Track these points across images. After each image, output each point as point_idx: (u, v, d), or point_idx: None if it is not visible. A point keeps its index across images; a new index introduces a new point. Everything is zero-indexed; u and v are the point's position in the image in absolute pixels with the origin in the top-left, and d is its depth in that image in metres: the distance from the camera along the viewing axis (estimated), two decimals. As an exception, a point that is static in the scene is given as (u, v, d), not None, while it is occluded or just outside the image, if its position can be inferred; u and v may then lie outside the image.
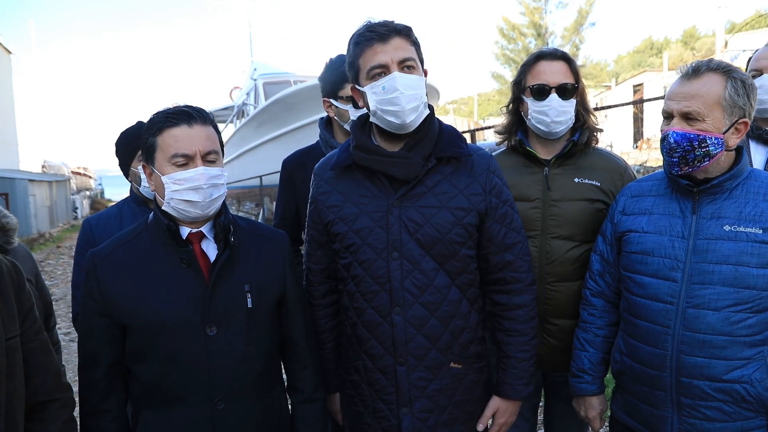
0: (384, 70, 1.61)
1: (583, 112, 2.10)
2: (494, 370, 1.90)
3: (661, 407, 1.70)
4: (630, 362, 1.77)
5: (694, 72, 1.61)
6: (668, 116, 1.66)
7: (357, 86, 1.70)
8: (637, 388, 1.76)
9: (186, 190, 1.52)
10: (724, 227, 1.61)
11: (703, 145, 1.58)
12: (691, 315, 1.62)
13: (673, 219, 1.70)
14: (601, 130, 2.15)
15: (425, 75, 1.70)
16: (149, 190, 2.25)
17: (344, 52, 2.35)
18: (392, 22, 1.65)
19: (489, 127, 10.07)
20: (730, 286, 1.58)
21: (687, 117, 1.60)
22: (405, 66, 1.62)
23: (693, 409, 1.64)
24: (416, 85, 1.63)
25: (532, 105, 2.05)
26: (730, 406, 1.60)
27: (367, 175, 1.73)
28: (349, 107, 2.31)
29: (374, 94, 1.63)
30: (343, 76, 2.30)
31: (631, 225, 1.79)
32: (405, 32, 1.64)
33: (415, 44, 1.67)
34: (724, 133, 1.59)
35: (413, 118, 1.64)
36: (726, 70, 1.60)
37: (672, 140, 1.61)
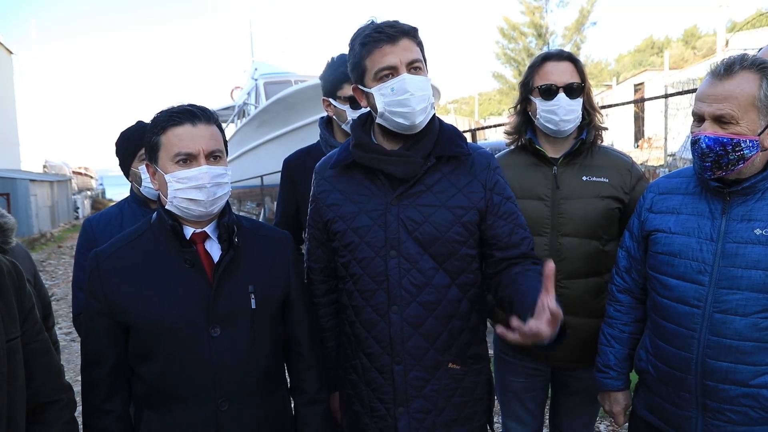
0: (393, 71, 1.61)
1: (589, 110, 2.13)
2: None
3: (686, 408, 1.67)
4: (655, 362, 1.75)
5: (727, 71, 1.52)
6: (699, 119, 1.58)
7: (361, 87, 1.69)
8: (662, 388, 1.74)
9: (189, 188, 1.51)
10: (755, 231, 1.55)
11: (737, 149, 1.51)
12: (717, 320, 1.57)
13: (702, 220, 1.64)
14: (605, 129, 2.18)
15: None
16: (150, 190, 2.26)
17: (345, 51, 2.36)
18: (399, 22, 1.64)
19: (490, 127, 10.04)
20: (759, 292, 1.52)
21: (720, 120, 1.52)
22: (413, 67, 1.61)
23: (718, 412, 1.61)
24: (424, 86, 1.62)
25: (540, 105, 2.08)
26: (757, 412, 1.56)
27: (366, 173, 1.73)
28: (346, 107, 2.33)
29: (382, 95, 1.62)
30: (341, 77, 2.31)
31: (659, 224, 1.74)
32: (412, 33, 1.63)
33: (420, 45, 1.66)
34: (759, 135, 1.51)
35: (422, 119, 1.64)
36: (761, 68, 1.50)
37: (704, 145, 1.53)
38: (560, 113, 2.05)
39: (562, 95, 2.04)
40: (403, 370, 1.71)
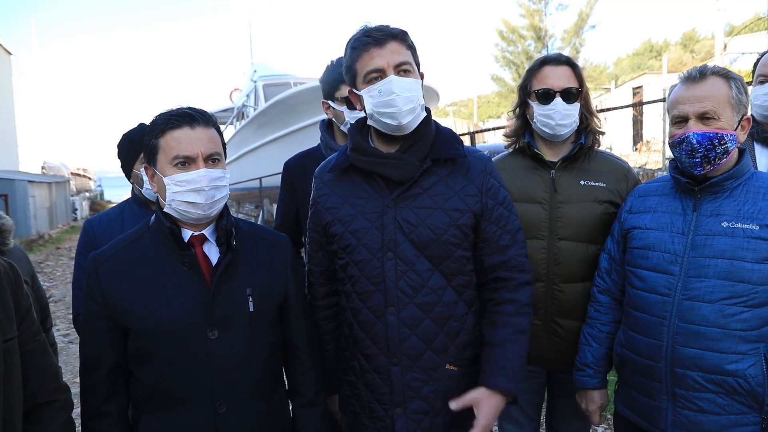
0: (380, 74, 1.63)
1: (587, 114, 2.14)
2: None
3: (657, 398, 1.74)
4: (629, 354, 1.82)
5: (701, 75, 1.68)
6: (682, 120, 1.70)
7: (354, 90, 1.72)
8: (635, 379, 1.81)
9: (187, 191, 1.52)
10: (722, 224, 1.67)
11: (722, 142, 1.64)
12: (686, 307, 1.67)
13: (675, 216, 1.76)
14: (603, 133, 2.20)
15: (421, 78, 1.71)
16: (152, 192, 2.26)
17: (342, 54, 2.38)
18: (388, 26, 1.67)
19: (489, 129, 10.05)
20: (725, 280, 1.63)
21: (703, 117, 1.66)
22: (401, 70, 1.64)
23: (687, 400, 1.67)
24: (412, 87, 1.64)
25: (537, 108, 2.10)
26: (723, 398, 1.63)
27: (364, 176, 1.74)
28: (344, 108, 2.35)
29: (371, 97, 1.65)
30: (339, 78, 2.33)
31: (636, 222, 1.85)
32: (401, 36, 1.66)
33: (411, 48, 1.68)
34: (735, 130, 1.67)
35: (410, 120, 1.66)
36: (724, 73, 1.69)
37: (694, 141, 1.65)
38: (556, 117, 2.06)
39: (558, 100, 2.06)
40: (401, 371, 1.72)
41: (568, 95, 2.06)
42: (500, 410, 1.71)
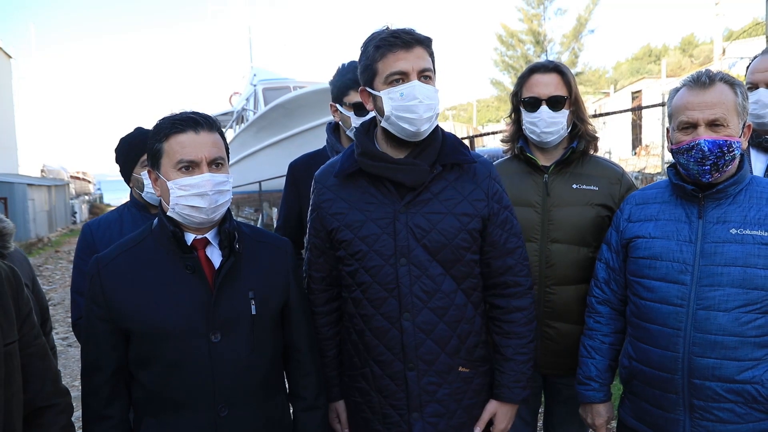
0: (403, 77, 1.64)
1: (577, 121, 2.15)
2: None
3: (673, 410, 1.71)
4: (640, 366, 1.79)
5: (711, 81, 1.66)
6: (690, 126, 1.67)
7: (370, 89, 1.71)
8: (648, 392, 1.77)
9: (191, 196, 1.52)
10: (731, 231, 1.66)
11: (730, 149, 1.63)
12: (701, 317, 1.64)
13: (680, 224, 1.74)
14: (596, 138, 2.20)
15: None
16: (153, 196, 2.26)
17: (350, 58, 2.39)
18: (415, 30, 1.67)
19: (488, 134, 10.04)
20: (739, 287, 1.61)
21: (713, 124, 1.64)
22: (424, 76, 1.65)
23: (705, 411, 1.65)
24: (433, 95, 1.66)
25: (525, 116, 2.14)
26: (742, 407, 1.62)
27: (371, 181, 1.74)
28: (351, 114, 2.34)
29: (391, 99, 1.65)
30: (348, 83, 2.33)
31: (638, 231, 1.82)
32: (426, 43, 1.67)
33: (432, 56, 1.69)
34: (740, 137, 1.66)
35: (427, 127, 1.67)
36: (729, 80, 1.67)
37: (706, 148, 1.62)
38: (541, 125, 2.09)
39: (544, 108, 2.08)
40: (416, 376, 1.73)
41: (555, 103, 2.08)
42: (514, 415, 1.84)
